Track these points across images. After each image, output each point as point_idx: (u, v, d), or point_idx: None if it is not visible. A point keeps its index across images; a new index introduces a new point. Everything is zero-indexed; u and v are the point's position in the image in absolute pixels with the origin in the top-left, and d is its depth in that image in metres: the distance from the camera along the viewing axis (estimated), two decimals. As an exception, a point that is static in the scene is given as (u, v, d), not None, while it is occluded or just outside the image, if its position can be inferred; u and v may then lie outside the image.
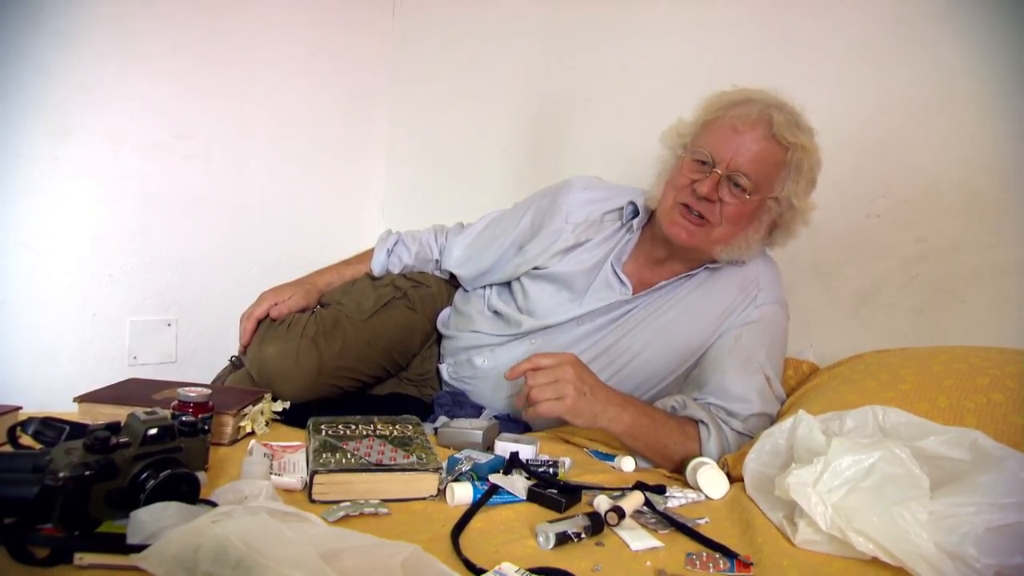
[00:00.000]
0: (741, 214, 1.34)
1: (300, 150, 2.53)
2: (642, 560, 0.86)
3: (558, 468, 1.14)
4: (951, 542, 0.81)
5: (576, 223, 1.51)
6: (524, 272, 1.53)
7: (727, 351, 1.37)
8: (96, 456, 0.75)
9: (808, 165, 1.34)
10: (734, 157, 1.31)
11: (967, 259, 1.50)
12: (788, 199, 1.35)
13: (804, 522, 0.91)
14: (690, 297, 1.43)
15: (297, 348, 1.41)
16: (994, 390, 1.09)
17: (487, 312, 1.56)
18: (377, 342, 1.50)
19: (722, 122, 1.34)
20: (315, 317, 1.49)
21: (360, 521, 0.90)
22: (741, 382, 1.33)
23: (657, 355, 1.42)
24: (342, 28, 2.61)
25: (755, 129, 1.31)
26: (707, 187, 1.31)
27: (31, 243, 1.97)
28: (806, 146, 1.32)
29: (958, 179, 1.52)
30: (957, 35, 1.51)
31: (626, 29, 2.08)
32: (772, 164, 1.32)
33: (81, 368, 2.07)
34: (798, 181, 1.34)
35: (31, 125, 1.93)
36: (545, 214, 1.55)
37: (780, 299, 1.45)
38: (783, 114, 1.31)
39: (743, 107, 1.33)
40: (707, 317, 1.41)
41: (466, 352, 1.54)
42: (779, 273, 1.48)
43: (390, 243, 1.68)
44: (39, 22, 1.91)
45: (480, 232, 1.66)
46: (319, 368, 1.41)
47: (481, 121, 2.47)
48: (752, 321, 1.40)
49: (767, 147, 1.31)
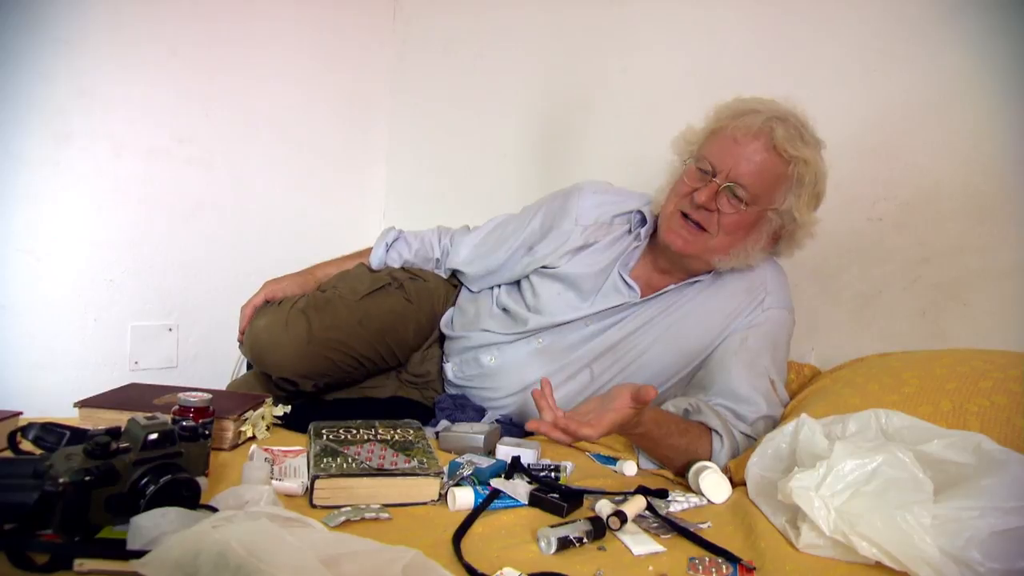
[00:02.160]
0: (739, 225, 1.34)
1: (301, 155, 2.53)
2: (644, 565, 0.85)
3: (560, 472, 1.13)
4: (955, 546, 0.80)
5: (586, 225, 1.52)
6: (533, 270, 1.53)
7: (733, 353, 1.37)
8: (96, 461, 0.75)
9: (810, 179, 1.33)
10: (734, 168, 1.31)
11: (969, 261, 1.50)
12: (789, 212, 1.35)
13: (807, 526, 0.90)
14: (698, 299, 1.44)
15: (287, 318, 1.43)
16: (997, 393, 1.08)
17: (496, 309, 1.56)
18: (369, 323, 1.49)
19: (725, 132, 1.34)
20: (308, 296, 1.51)
21: (361, 526, 0.90)
22: (747, 384, 1.33)
23: (663, 355, 1.42)
24: (343, 33, 2.61)
25: (756, 140, 1.31)
26: (705, 196, 1.32)
27: (32, 248, 1.97)
28: (808, 160, 1.31)
29: (960, 181, 1.51)
30: (958, 38, 1.51)
31: (627, 34, 2.08)
32: (772, 176, 1.32)
33: (82, 373, 2.06)
34: (800, 195, 1.34)
35: (32, 130, 1.93)
36: (556, 216, 1.56)
37: (787, 304, 1.45)
38: (786, 127, 1.31)
39: (747, 118, 1.32)
40: (714, 319, 1.41)
41: (473, 351, 1.54)
42: (786, 279, 1.49)
43: (390, 238, 1.68)
44: (39, 27, 1.91)
45: (488, 233, 1.66)
46: (308, 336, 1.41)
47: (481, 127, 2.47)
48: (758, 324, 1.40)
49: (767, 159, 1.31)
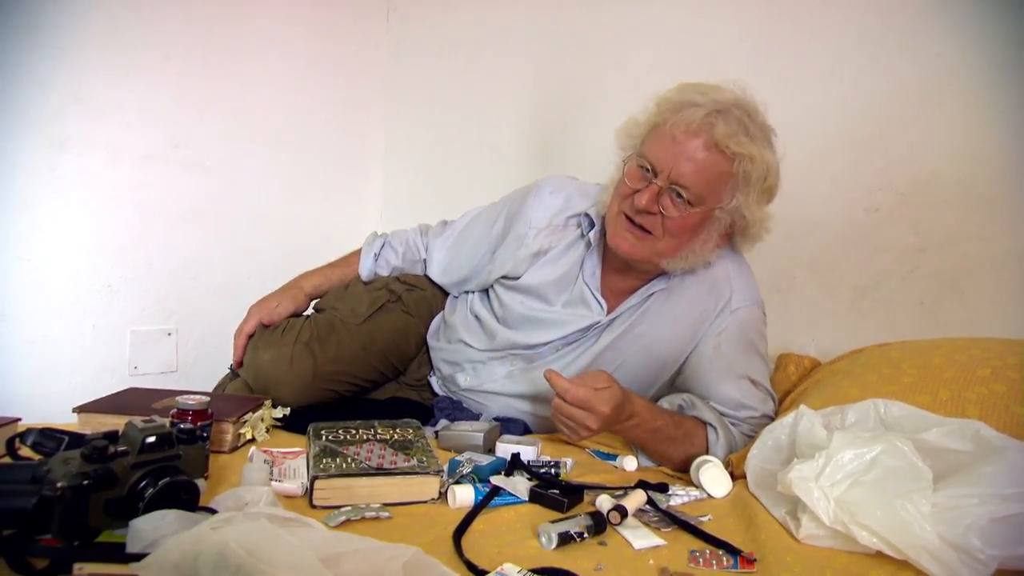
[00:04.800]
0: (684, 227, 1.28)
1: (297, 158, 2.53)
2: (645, 559, 0.85)
3: (560, 469, 1.13)
4: (955, 534, 0.80)
5: (539, 228, 1.47)
6: (495, 280, 1.50)
7: (708, 360, 1.34)
8: (94, 465, 0.75)
9: (758, 175, 1.25)
10: (675, 167, 1.24)
11: (966, 251, 1.50)
12: (738, 209, 1.28)
13: (807, 517, 0.90)
14: (664, 306, 1.39)
15: (291, 353, 1.41)
16: (996, 381, 1.08)
17: (470, 317, 1.54)
18: (372, 346, 1.49)
19: (665, 129, 1.26)
20: (310, 322, 1.49)
21: (362, 525, 0.90)
22: (728, 389, 1.31)
23: (638, 367, 1.40)
24: (336, 36, 2.61)
25: (696, 138, 1.23)
26: (646, 199, 1.25)
27: (29, 255, 1.97)
28: (753, 156, 1.23)
29: (956, 171, 1.51)
30: (953, 27, 1.51)
31: (620, 30, 2.08)
32: (716, 175, 1.25)
33: (82, 379, 2.06)
34: (748, 192, 1.26)
35: (28, 137, 1.93)
36: (514, 218, 1.52)
37: (754, 298, 1.39)
38: (727, 121, 1.23)
39: (686, 112, 1.24)
40: (681, 324, 1.37)
41: (450, 367, 1.53)
42: (748, 269, 1.42)
43: (376, 247, 1.65)
44: (34, 34, 1.91)
45: (459, 234, 1.62)
46: (314, 373, 1.41)
47: (477, 127, 2.47)
48: (728, 327, 1.35)
49: (708, 157, 1.23)
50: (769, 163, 1.27)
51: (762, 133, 1.28)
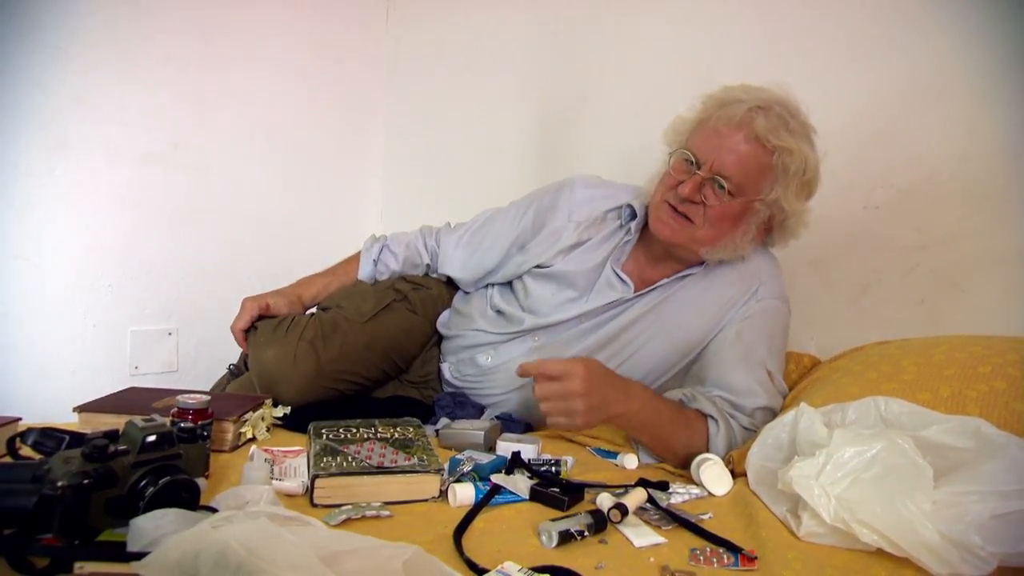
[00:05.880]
0: (724, 216, 1.33)
1: (297, 157, 2.53)
2: (646, 556, 0.85)
3: (560, 467, 1.13)
4: (956, 531, 0.80)
5: (579, 221, 1.51)
6: (526, 271, 1.53)
7: (728, 345, 1.37)
8: (94, 464, 0.75)
9: (797, 168, 1.31)
10: (717, 159, 1.30)
11: (967, 248, 1.50)
12: (777, 202, 1.33)
13: (808, 515, 0.90)
14: (691, 291, 1.43)
15: (295, 351, 1.41)
16: (996, 378, 1.08)
17: (490, 312, 1.56)
18: (376, 345, 1.50)
19: (709, 123, 1.33)
20: (314, 320, 1.49)
21: (362, 524, 0.90)
22: (744, 376, 1.32)
23: (659, 348, 1.42)
24: (336, 36, 2.62)
25: (739, 131, 1.29)
26: (689, 188, 1.31)
27: (30, 256, 1.98)
28: (793, 149, 1.29)
29: (957, 168, 1.51)
30: (954, 24, 1.51)
31: (621, 27, 2.08)
32: (756, 167, 1.30)
33: (83, 379, 2.07)
34: (787, 185, 1.32)
35: (27, 137, 1.94)
36: (547, 212, 1.55)
37: (781, 294, 1.45)
38: (768, 116, 1.29)
39: (730, 108, 1.31)
40: (708, 311, 1.41)
41: (468, 351, 1.53)
42: (780, 269, 1.48)
43: (375, 252, 1.66)
44: (33, 35, 1.92)
45: (476, 231, 1.65)
46: (317, 371, 1.41)
47: (478, 125, 2.47)
48: (753, 315, 1.39)
49: (750, 150, 1.30)
50: (808, 157, 1.32)
51: (802, 129, 1.33)
